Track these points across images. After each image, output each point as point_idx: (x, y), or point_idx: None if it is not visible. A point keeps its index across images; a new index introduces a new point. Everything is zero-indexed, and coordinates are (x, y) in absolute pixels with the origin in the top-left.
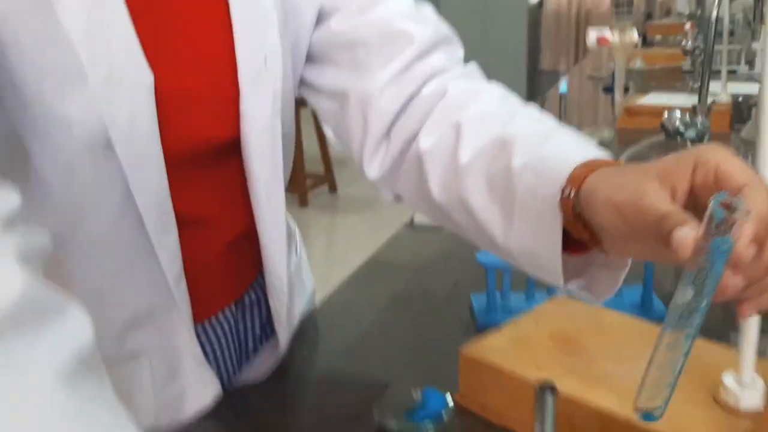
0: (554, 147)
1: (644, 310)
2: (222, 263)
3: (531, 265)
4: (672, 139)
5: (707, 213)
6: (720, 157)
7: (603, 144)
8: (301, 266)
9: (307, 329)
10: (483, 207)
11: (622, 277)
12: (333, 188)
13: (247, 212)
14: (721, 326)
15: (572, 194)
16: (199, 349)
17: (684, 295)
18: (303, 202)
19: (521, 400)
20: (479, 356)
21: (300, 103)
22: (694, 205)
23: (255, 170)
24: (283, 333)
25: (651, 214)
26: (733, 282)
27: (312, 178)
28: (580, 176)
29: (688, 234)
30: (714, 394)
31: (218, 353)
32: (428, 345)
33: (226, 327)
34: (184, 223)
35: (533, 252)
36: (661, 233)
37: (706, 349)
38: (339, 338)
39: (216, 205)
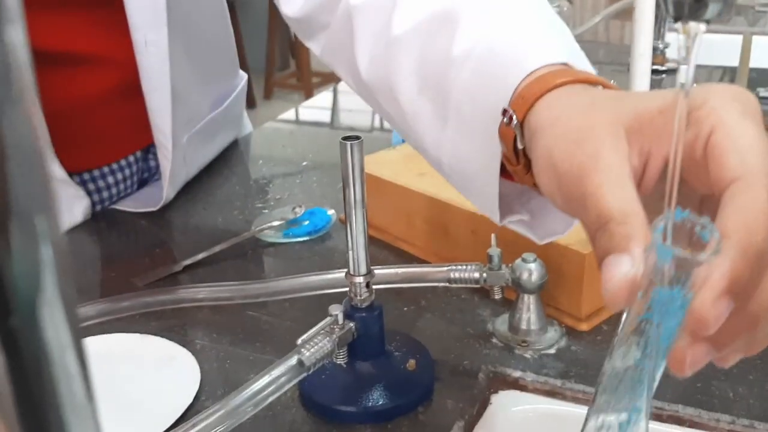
0: (510, 36)
1: None
2: (104, 112)
3: (465, 188)
4: None
5: (649, 246)
6: (719, 118)
7: None
8: (224, 123)
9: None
10: (411, 99)
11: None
12: None
13: (131, 64)
14: None
15: (514, 122)
16: (61, 170)
17: (619, 356)
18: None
19: (400, 213)
20: (366, 169)
21: None
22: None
23: (133, 15)
24: (168, 187)
25: (590, 207)
26: (693, 353)
27: (319, 76)
28: (529, 96)
29: (623, 276)
30: None
31: (98, 183)
32: (323, 167)
33: (106, 170)
34: (48, 60)
35: (466, 172)
36: (596, 246)
37: None
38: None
39: (90, 46)
